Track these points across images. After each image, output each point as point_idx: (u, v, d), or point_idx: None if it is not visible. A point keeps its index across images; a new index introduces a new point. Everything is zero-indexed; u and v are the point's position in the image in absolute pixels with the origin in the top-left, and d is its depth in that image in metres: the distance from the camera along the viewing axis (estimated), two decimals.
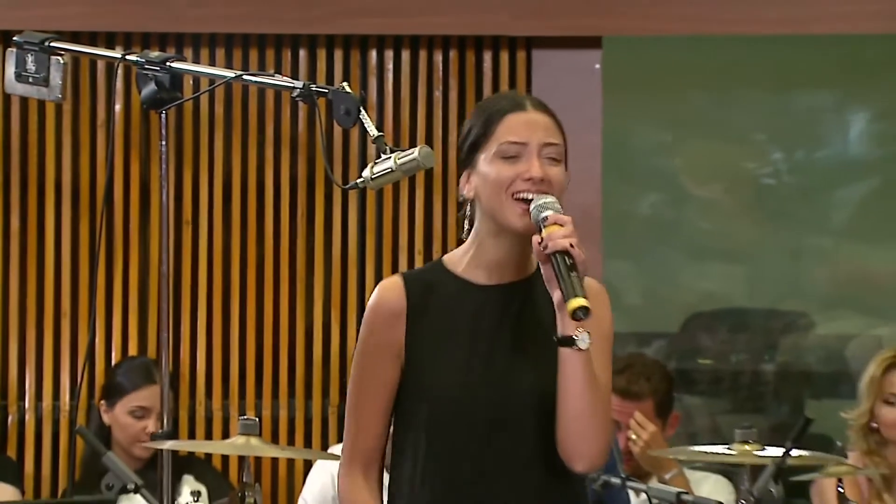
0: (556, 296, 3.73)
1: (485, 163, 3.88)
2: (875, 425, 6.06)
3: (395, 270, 6.51)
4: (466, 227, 4.00)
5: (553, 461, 3.91)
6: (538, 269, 3.86)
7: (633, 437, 5.89)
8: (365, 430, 3.97)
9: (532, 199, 3.82)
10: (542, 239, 3.76)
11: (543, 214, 3.76)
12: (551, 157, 3.86)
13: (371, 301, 3.97)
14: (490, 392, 3.91)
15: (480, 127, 3.91)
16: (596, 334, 3.83)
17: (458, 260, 3.98)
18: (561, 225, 3.77)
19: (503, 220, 3.84)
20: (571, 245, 3.75)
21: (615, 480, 5.01)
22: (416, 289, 3.94)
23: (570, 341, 3.69)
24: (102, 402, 6.16)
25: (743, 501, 5.16)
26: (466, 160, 3.93)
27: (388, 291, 3.95)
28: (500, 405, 3.91)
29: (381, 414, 3.96)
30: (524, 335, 3.90)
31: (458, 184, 4.03)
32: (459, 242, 4.01)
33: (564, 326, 3.73)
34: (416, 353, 3.91)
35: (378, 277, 6.51)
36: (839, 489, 5.55)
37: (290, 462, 6.44)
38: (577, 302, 3.66)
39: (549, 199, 3.81)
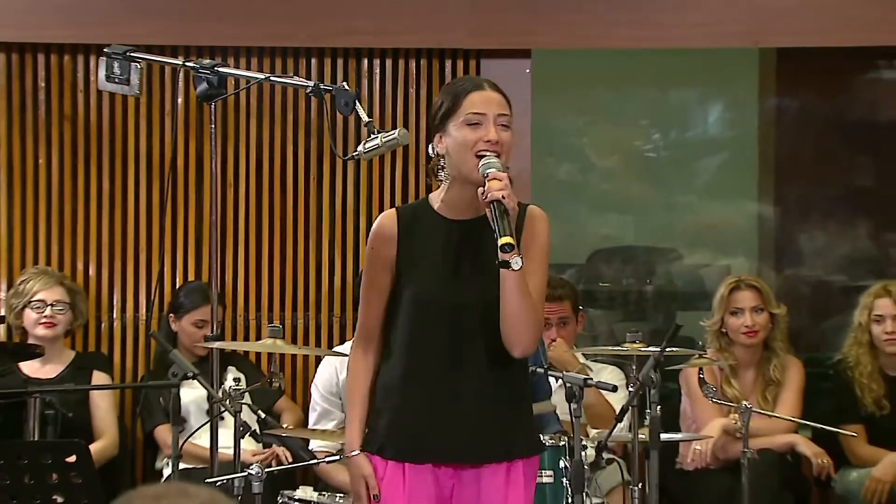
0: (495, 231, 3.72)
1: (454, 128, 3.87)
2: (724, 330, 6.12)
3: None
4: (441, 175, 3.96)
5: (497, 345, 3.89)
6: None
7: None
8: (369, 316, 4.00)
9: (483, 156, 3.80)
10: (484, 190, 3.72)
11: (487, 171, 3.74)
12: (503, 125, 3.87)
13: (374, 227, 4.01)
14: (454, 295, 3.94)
15: (450, 101, 3.90)
16: (534, 246, 3.91)
17: (436, 198, 4.00)
18: (499, 180, 3.72)
19: (466, 172, 3.86)
20: (504, 197, 3.70)
21: (540, 370, 5.02)
22: (405, 218, 3.98)
23: (506, 264, 3.73)
24: (171, 314, 6.20)
25: (631, 384, 5.16)
26: (439, 126, 3.92)
27: (385, 219, 4.00)
28: (460, 304, 3.93)
29: (380, 306, 3.98)
30: (477, 256, 3.92)
31: (426, 154, 4.03)
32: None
33: (500, 250, 3.70)
34: (403, 266, 3.96)
35: (369, 225, 6.48)
36: (700, 376, 5.57)
37: (305, 357, 6.49)
38: (504, 240, 3.69)
39: (494, 159, 3.80)
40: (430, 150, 3.98)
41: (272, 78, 5.56)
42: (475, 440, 3.93)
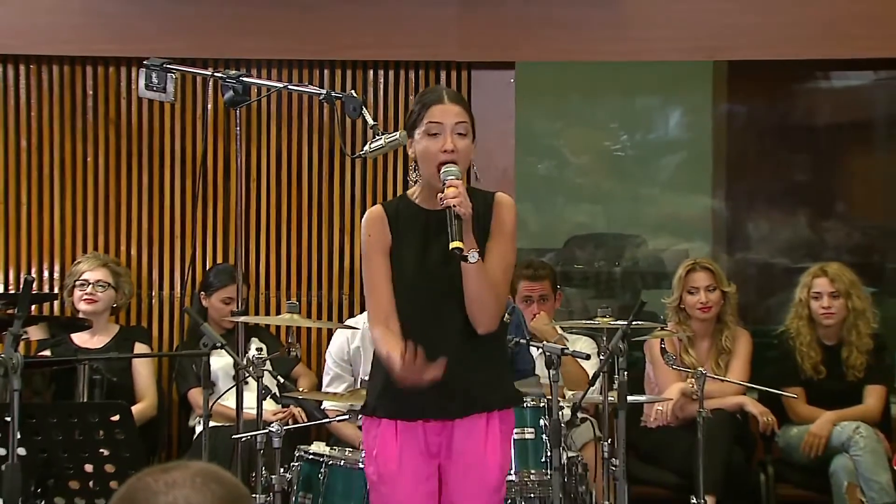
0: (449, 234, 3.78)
1: (419, 137, 3.89)
2: (682, 306, 6.12)
3: None
4: (413, 175, 4.00)
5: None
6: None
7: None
8: (382, 297, 3.95)
9: (443, 165, 3.82)
10: (441, 196, 3.74)
11: (445, 178, 3.76)
12: (460, 133, 3.84)
13: (365, 219, 4.00)
14: (432, 276, 3.94)
15: (417, 112, 3.91)
16: (500, 229, 3.91)
17: (412, 193, 3.99)
18: (454, 187, 3.73)
19: (429, 178, 3.88)
20: (456, 205, 3.71)
21: (522, 341, 5.02)
22: (390, 209, 3.99)
23: (464, 258, 3.73)
24: (202, 293, 6.18)
25: (602, 353, 5.14)
26: (409, 133, 3.93)
27: (374, 211, 4.00)
28: (438, 284, 3.92)
29: (388, 286, 3.94)
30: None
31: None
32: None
33: (450, 250, 3.74)
34: (395, 249, 3.94)
35: None
36: (661, 346, 5.57)
37: (319, 330, 6.47)
38: (454, 244, 3.70)
39: (453, 168, 3.80)
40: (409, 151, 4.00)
41: (289, 86, 5.52)
42: (456, 397, 3.91)
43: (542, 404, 4.94)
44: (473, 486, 3.94)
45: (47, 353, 5.97)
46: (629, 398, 5.09)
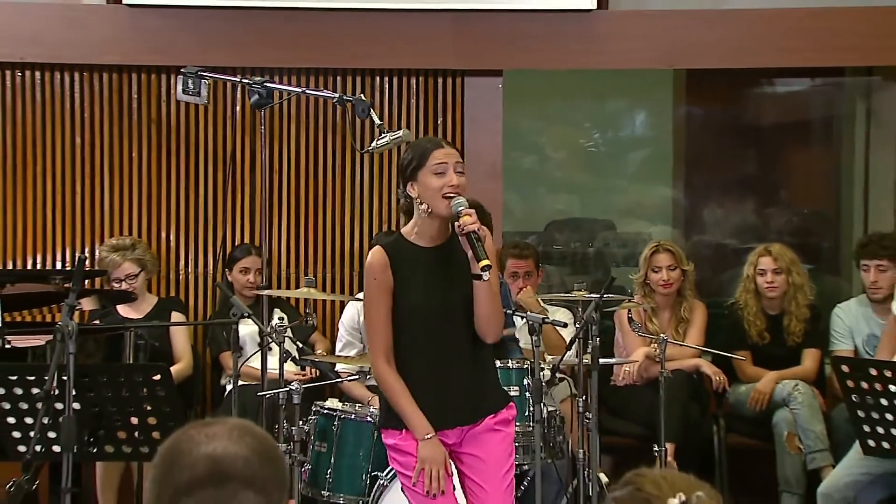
0: (471, 254, 3.77)
1: (423, 177, 3.86)
2: (647, 282, 6.08)
3: (388, 199, 6.52)
4: (405, 211, 4.03)
5: (474, 337, 3.95)
6: (451, 235, 3.90)
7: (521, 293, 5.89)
8: (382, 334, 3.92)
9: (452, 198, 3.82)
10: (459, 224, 3.76)
11: (458, 209, 3.79)
12: (459, 171, 3.87)
13: (368, 261, 3.94)
14: (437, 304, 3.95)
15: (418, 158, 3.88)
16: (490, 257, 3.84)
17: (409, 232, 3.96)
18: (469, 216, 3.77)
19: (437, 209, 3.85)
20: (477, 229, 3.76)
21: (508, 311, 5.01)
22: (390, 250, 3.93)
23: (479, 277, 3.76)
24: (227, 268, 6.16)
25: (578, 322, 5.14)
26: (410, 177, 3.88)
27: (377, 254, 3.93)
28: (443, 311, 3.95)
29: (389, 323, 3.92)
30: (451, 273, 3.92)
31: (398, 197, 4.06)
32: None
33: (475, 269, 3.77)
34: (398, 287, 3.91)
35: (380, 203, 6.52)
36: (629, 315, 5.58)
37: (333, 302, 6.45)
38: (483, 262, 3.74)
39: (461, 199, 3.82)
40: (403, 196, 3.93)
41: (307, 91, 5.53)
42: (466, 407, 3.97)
43: (525, 366, 4.96)
44: (493, 476, 3.98)
45: (98, 321, 5.97)
46: (601, 360, 5.13)
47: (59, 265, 6.43)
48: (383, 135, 4.88)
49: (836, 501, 4.48)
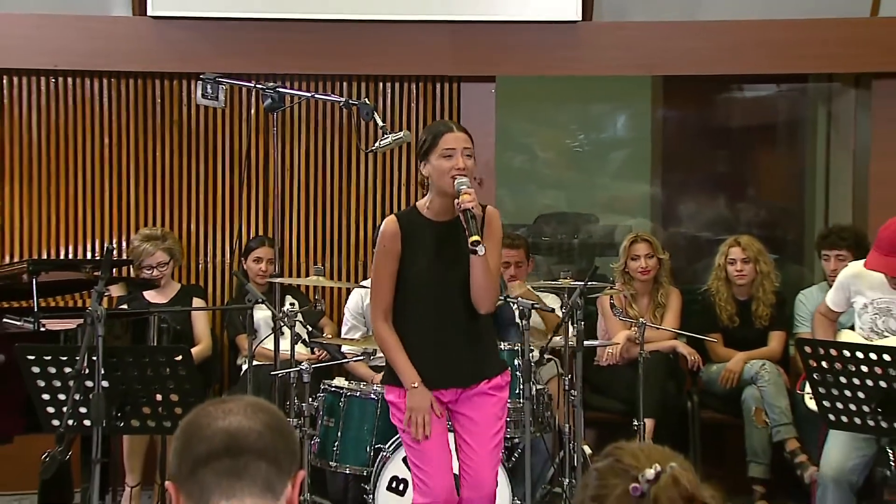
0: (465, 231, 3.76)
1: (434, 158, 3.90)
2: (627, 270, 6.08)
3: (390, 195, 6.51)
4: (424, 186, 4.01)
5: (471, 307, 3.93)
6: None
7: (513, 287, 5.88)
8: (385, 296, 3.95)
9: (455, 178, 3.84)
10: (458, 202, 3.74)
11: (460, 188, 3.79)
12: (467, 154, 3.89)
13: (382, 228, 3.97)
14: (440, 275, 3.96)
15: (431, 140, 3.92)
16: (492, 235, 3.91)
17: (423, 206, 3.99)
18: (468, 195, 3.77)
19: (445, 188, 3.88)
20: (472, 207, 3.76)
21: (501, 299, 5.01)
22: (403, 221, 3.96)
23: (474, 251, 3.71)
24: (242, 257, 6.15)
25: (564, 307, 5.14)
26: (424, 156, 3.92)
27: (390, 223, 3.96)
28: (445, 281, 3.95)
29: (392, 287, 3.95)
30: (455, 247, 3.91)
31: (417, 159, 4.04)
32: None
33: (469, 243, 3.74)
34: (405, 256, 3.95)
35: (382, 198, 6.52)
36: (611, 301, 5.56)
37: (339, 289, 6.45)
38: (473, 238, 3.72)
39: (465, 179, 3.84)
40: (420, 171, 3.96)
41: (316, 95, 5.49)
42: (461, 371, 3.97)
43: (516, 347, 4.95)
44: (482, 436, 3.97)
45: (125, 306, 5.97)
46: (585, 342, 5.12)
47: (89, 255, 6.41)
48: (386, 136, 4.87)
49: (843, 486, 4.46)
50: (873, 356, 3.85)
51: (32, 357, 4.04)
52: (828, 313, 4.99)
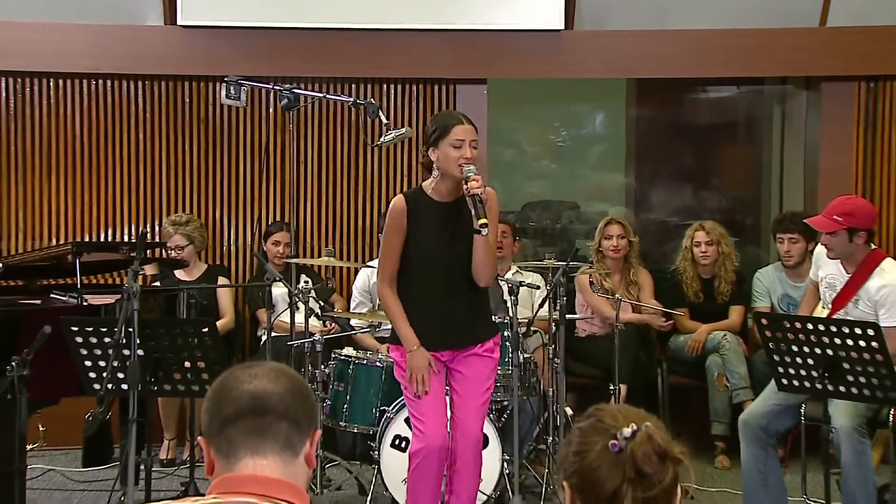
0: (473, 213, 3.75)
1: (444, 147, 3.86)
2: (601, 249, 6.06)
3: (393, 184, 6.48)
4: (434, 171, 3.92)
5: (470, 280, 3.93)
6: (461, 194, 3.86)
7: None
8: (390, 265, 3.95)
9: (463, 166, 3.82)
10: (467, 187, 3.71)
11: (468, 174, 3.76)
12: (474, 146, 3.85)
13: (391, 205, 3.95)
14: (443, 250, 3.94)
15: (441, 129, 3.87)
16: (490, 213, 3.82)
17: (427, 187, 3.96)
18: (476, 181, 3.74)
19: (453, 173, 3.84)
20: (481, 192, 3.75)
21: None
22: (410, 200, 3.94)
23: (478, 231, 3.71)
24: (262, 240, 6.14)
25: (548, 285, 5.14)
26: (433, 143, 3.88)
27: (398, 201, 3.95)
28: (447, 256, 3.94)
29: (397, 259, 3.94)
30: (457, 226, 3.91)
31: (421, 155, 4.02)
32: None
33: (476, 225, 3.75)
34: (412, 232, 3.93)
35: (386, 187, 6.50)
36: (589, 279, 5.55)
37: (349, 269, 6.44)
38: (481, 221, 3.72)
39: (472, 167, 3.82)
40: (425, 156, 3.91)
41: (327, 96, 5.47)
42: (458, 335, 3.97)
43: (505, 320, 4.95)
44: (473, 391, 3.98)
45: (157, 283, 5.97)
46: (566, 316, 5.11)
47: (126, 238, 6.41)
48: (389, 132, 4.86)
49: (752, 427, 4.49)
50: (821, 327, 3.89)
51: (76, 328, 4.03)
52: (812, 284, 4.98)
